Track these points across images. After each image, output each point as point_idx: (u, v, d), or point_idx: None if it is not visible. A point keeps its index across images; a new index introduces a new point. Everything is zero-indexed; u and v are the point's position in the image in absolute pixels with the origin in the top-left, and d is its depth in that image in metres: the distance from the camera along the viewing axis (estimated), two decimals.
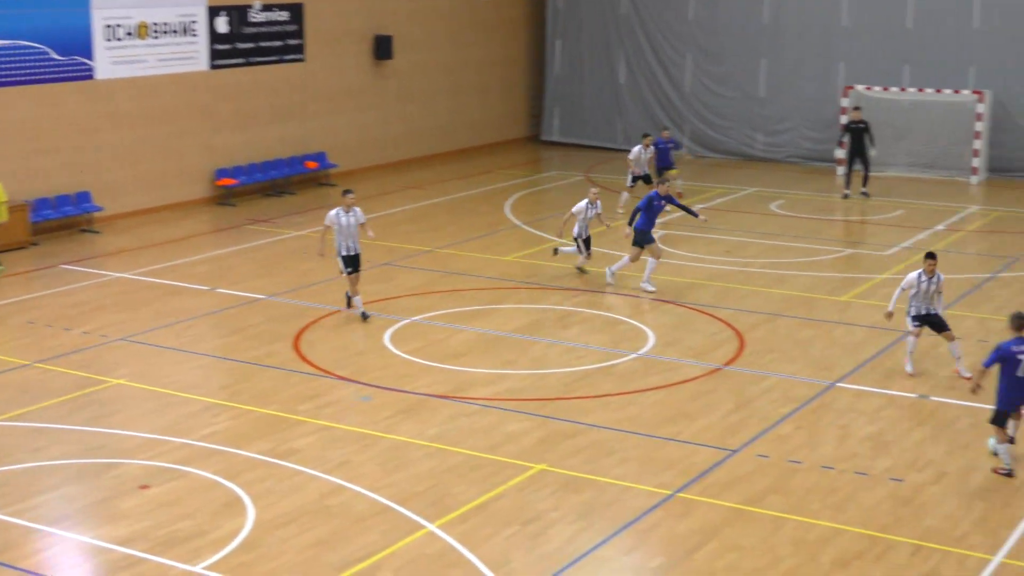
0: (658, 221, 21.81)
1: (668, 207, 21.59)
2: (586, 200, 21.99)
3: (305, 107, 30.80)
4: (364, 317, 19.23)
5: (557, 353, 17.79)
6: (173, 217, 27.06)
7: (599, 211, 22.09)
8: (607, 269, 21.36)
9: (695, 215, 22.15)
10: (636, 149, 27.51)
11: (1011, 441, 13.69)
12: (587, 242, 21.98)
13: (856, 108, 29.85)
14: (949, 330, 16.72)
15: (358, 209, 19.30)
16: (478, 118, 36.35)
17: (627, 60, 36.34)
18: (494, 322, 19.29)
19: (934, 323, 16.75)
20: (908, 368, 16.78)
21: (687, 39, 35.35)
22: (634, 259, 21.11)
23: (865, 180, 29.33)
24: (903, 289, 16.74)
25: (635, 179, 27.45)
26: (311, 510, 12.72)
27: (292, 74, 30.38)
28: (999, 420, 13.59)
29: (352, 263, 19.22)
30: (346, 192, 19.47)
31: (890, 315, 16.94)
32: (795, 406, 15.68)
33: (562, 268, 22.53)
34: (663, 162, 27.93)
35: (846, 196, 29.31)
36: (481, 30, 36.06)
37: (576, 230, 21.89)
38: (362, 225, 19.32)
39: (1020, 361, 13.37)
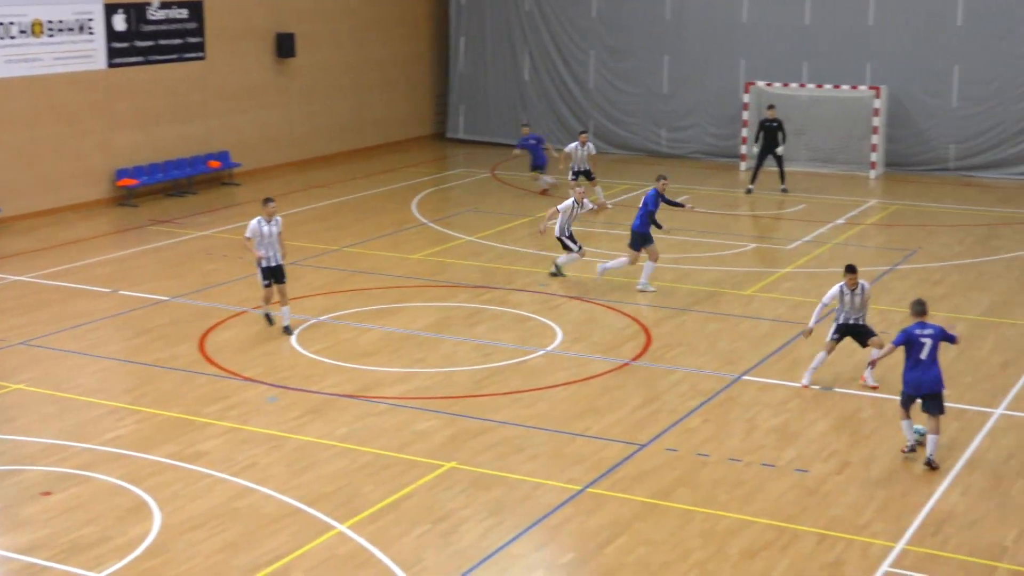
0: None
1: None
2: (572, 199, 21.63)
3: (207, 106, 30.42)
4: (287, 331, 18.40)
5: (466, 351, 17.78)
6: (73, 218, 26.58)
7: (586, 208, 22.05)
8: (599, 265, 21.24)
9: (682, 206, 22.31)
10: (572, 145, 27.58)
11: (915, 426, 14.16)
12: (571, 238, 21.64)
13: (770, 106, 30.29)
14: (876, 335, 16.12)
15: (279, 218, 18.46)
16: (383, 116, 36.19)
17: (531, 57, 36.44)
18: (402, 321, 19.23)
19: (859, 333, 16.17)
20: (805, 380, 16.30)
21: (591, 36, 35.54)
22: (632, 262, 21.09)
23: (781, 177, 29.77)
24: (825, 304, 16.19)
25: (575, 174, 27.52)
26: (219, 513, 12.57)
27: (193, 72, 29.98)
28: (905, 403, 13.96)
29: (274, 274, 18.33)
30: (267, 200, 18.33)
31: (809, 332, 16.46)
32: (702, 399, 15.84)
33: (470, 266, 22.53)
34: (537, 160, 28.52)
35: (749, 191, 29.68)
36: (384, 28, 35.89)
37: (558, 230, 21.50)
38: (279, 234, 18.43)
39: (923, 344, 13.74)
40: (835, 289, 16.10)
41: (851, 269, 16.03)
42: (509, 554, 11.84)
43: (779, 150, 29.60)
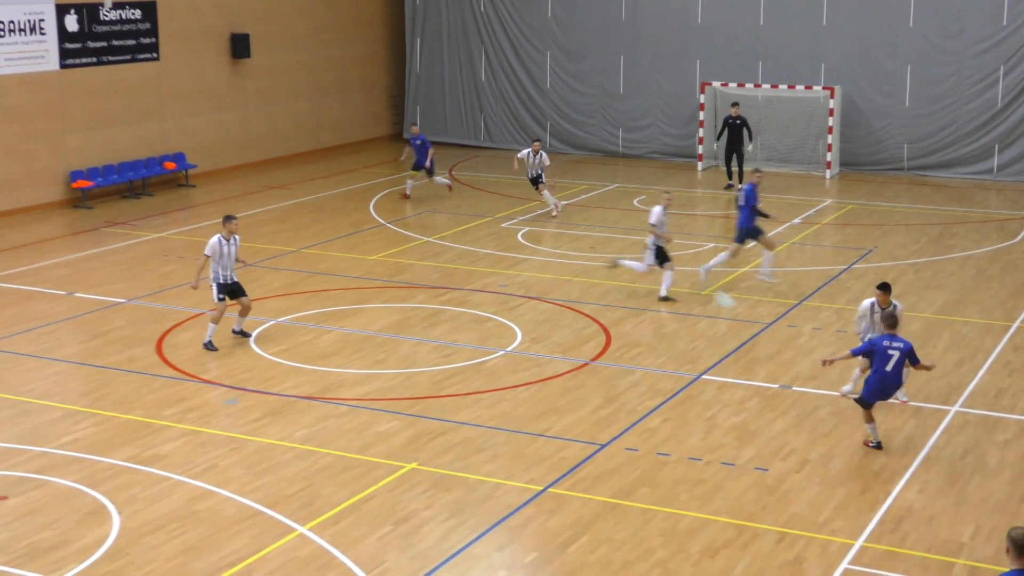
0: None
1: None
2: (661, 206, 20.76)
3: (162, 107, 30.21)
4: (244, 334, 18.29)
5: (426, 351, 17.76)
6: (27, 220, 26.32)
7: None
8: (702, 267, 21.16)
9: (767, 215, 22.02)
10: (525, 152, 27.29)
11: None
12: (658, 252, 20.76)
13: (734, 104, 30.56)
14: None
15: (238, 236, 18.14)
16: (340, 117, 36.09)
17: (487, 57, 36.45)
18: (361, 322, 19.18)
19: None
20: (847, 388, 15.86)
21: (546, 37, 35.60)
22: (734, 254, 21.29)
23: (740, 175, 29.99)
24: (859, 333, 15.56)
25: (532, 181, 27.18)
26: (179, 516, 12.49)
27: (147, 73, 29.77)
28: (866, 405, 14.17)
29: (233, 291, 17.98)
30: (228, 218, 17.97)
31: (828, 363, 14.97)
32: (662, 399, 15.90)
33: (429, 267, 22.50)
34: (419, 159, 28.51)
35: (729, 186, 30.01)
36: (340, 28, 35.79)
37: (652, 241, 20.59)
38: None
39: (891, 357, 13.88)
40: (865, 305, 15.42)
41: (885, 288, 15.09)
42: (471, 555, 11.83)
43: (748, 148, 29.94)
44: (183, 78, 30.69)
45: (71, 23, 27.78)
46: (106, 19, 28.61)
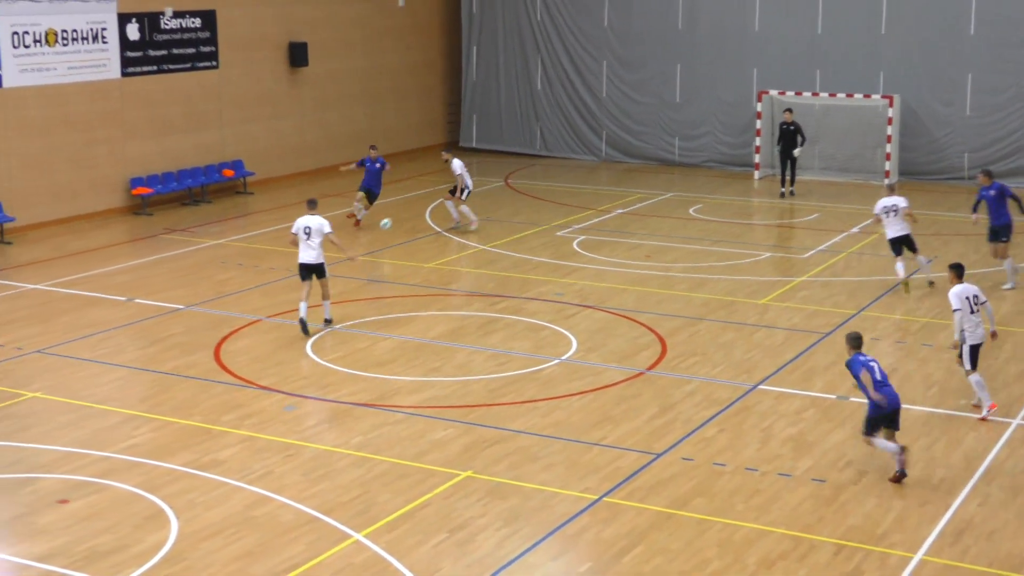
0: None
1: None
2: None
3: (220, 115, 30.48)
4: (327, 323, 19.12)
5: (481, 360, 17.77)
6: (87, 227, 26.65)
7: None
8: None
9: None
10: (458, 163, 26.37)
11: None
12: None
13: (787, 110, 30.45)
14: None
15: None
16: (395, 125, 36.24)
17: (544, 66, 36.47)
18: (417, 329, 19.23)
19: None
20: (984, 410, 15.50)
21: (603, 45, 35.56)
22: (1000, 254, 21.64)
23: (792, 180, 29.93)
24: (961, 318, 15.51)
25: (462, 191, 26.22)
26: (236, 521, 12.58)
27: (206, 81, 30.06)
28: (877, 425, 13.68)
29: (312, 271, 18.88)
30: (311, 202, 19.69)
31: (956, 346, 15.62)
32: (718, 409, 15.81)
33: (484, 275, 22.53)
34: (371, 184, 26.51)
35: (783, 195, 30.04)
36: (397, 36, 35.96)
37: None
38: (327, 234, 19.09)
39: (873, 368, 13.64)
40: (959, 293, 15.48)
41: (957, 268, 15.86)
42: (525, 563, 11.82)
43: (796, 152, 29.83)
44: (241, 86, 30.96)
45: (132, 32, 28.10)
46: (166, 28, 28.93)
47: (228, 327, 19.32)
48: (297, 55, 32.12)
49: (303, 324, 18.73)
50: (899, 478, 13.54)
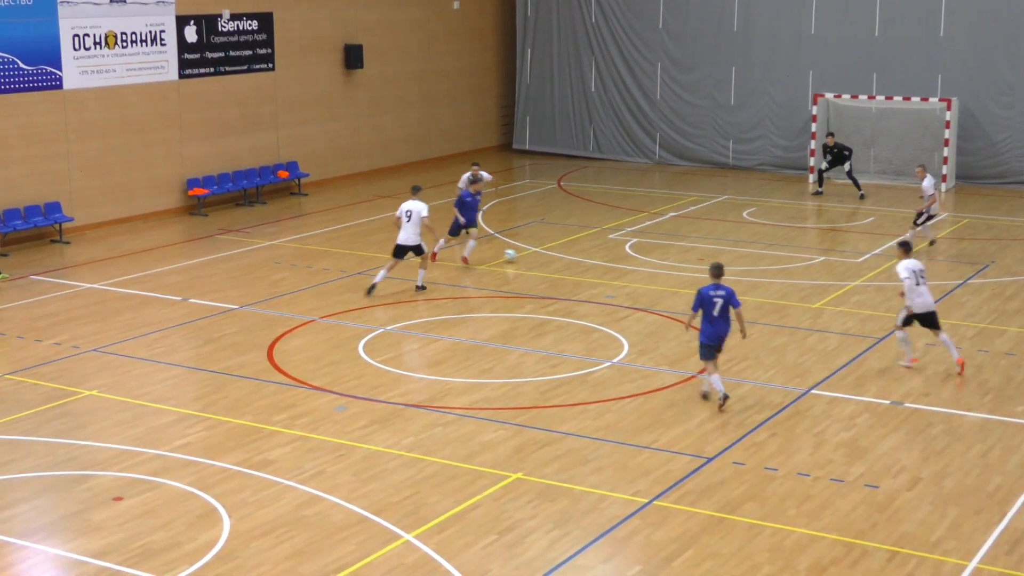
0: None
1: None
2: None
3: (276, 116, 30.71)
4: (420, 288, 21.28)
5: (532, 362, 17.77)
6: (144, 227, 26.93)
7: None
8: None
9: None
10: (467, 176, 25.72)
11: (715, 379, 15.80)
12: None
13: (829, 134, 30.65)
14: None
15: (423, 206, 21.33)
16: (450, 127, 36.35)
17: (597, 68, 36.44)
18: (468, 331, 19.27)
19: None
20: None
21: (657, 47, 35.48)
22: None
23: (855, 184, 30.38)
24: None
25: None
26: (287, 521, 12.66)
27: (262, 83, 30.29)
28: (703, 353, 15.98)
29: (410, 251, 21.08)
30: (415, 188, 21.94)
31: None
32: (770, 413, 15.72)
33: (536, 277, 22.54)
34: (470, 216, 23.55)
35: (862, 196, 30.36)
36: (451, 39, 36.07)
37: None
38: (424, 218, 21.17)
39: (715, 303, 15.76)
40: (908, 266, 17.22)
41: (905, 246, 17.74)
42: (575, 566, 11.81)
43: (846, 166, 29.95)
44: (297, 88, 31.18)
45: (190, 34, 28.39)
46: (224, 30, 29.19)
47: (281, 327, 19.46)
48: (352, 57, 32.30)
49: (372, 288, 20.94)
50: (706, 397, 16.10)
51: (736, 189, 31.82)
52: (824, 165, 30.51)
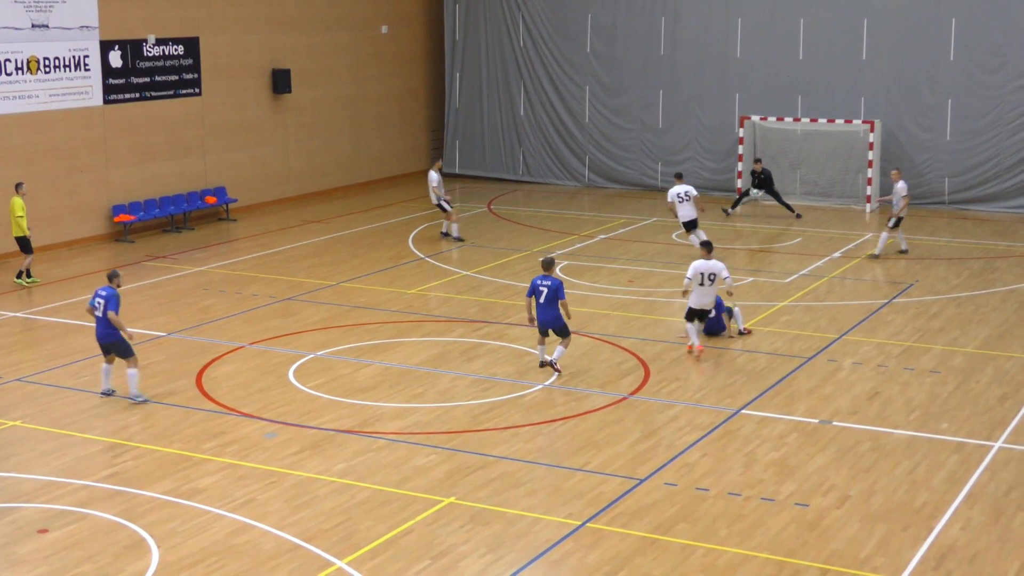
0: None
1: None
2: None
3: (203, 142, 30.48)
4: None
5: (464, 386, 17.74)
6: (69, 254, 26.57)
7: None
8: None
9: None
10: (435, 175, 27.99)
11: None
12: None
13: (757, 160, 31.14)
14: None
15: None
16: (379, 152, 36.29)
17: (526, 92, 36.58)
18: (400, 356, 19.20)
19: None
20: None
21: (585, 71, 35.70)
22: None
23: (787, 206, 30.81)
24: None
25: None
26: (218, 550, 12.50)
27: (189, 108, 30.06)
28: (541, 331, 18.18)
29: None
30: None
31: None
32: (701, 434, 15.80)
33: (467, 300, 22.53)
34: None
35: (726, 212, 31.25)
36: (380, 64, 36.04)
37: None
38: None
39: (542, 292, 17.90)
40: (698, 267, 19.12)
41: (707, 246, 19.57)
42: None
43: (759, 193, 30.85)
44: (224, 113, 30.98)
45: (115, 59, 28.11)
46: (149, 55, 28.94)
47: (210, 354, 19.26)
48: (280, 82, 32.16)
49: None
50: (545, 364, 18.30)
51: (665, 211, 31.96)
52: (756, 192, 30.85)
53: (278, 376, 18.18)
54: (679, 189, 26.16)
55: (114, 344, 17.04)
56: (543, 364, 18.30)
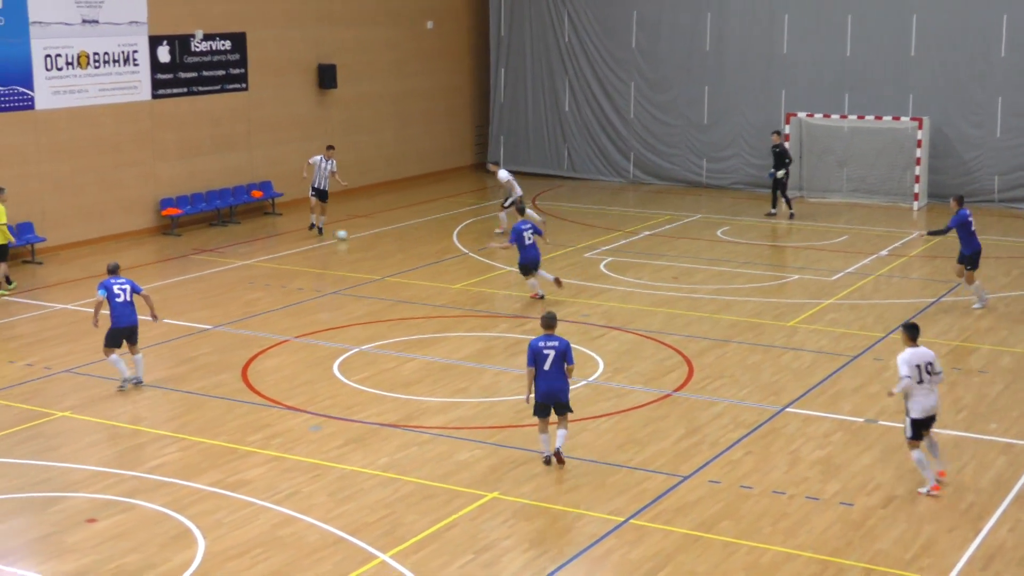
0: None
1: None
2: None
3: (249, 136, 30.66)
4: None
5: (507, 381, 17.76)
6: (117, 248, 26.80)
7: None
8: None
9: None
10: (317, 158, 28.04)
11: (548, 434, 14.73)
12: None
13: (775, 132, 30.71)
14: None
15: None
16: (424, 147, 36.36)
17: (571, 88, 36.54)
18: (444, 350, 19.24)
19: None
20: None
21: (630, 67, 35.60)
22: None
23: (787, 202, 30.48)
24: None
25: (314, 191, 28.00)
26: (263, 541, 12.59)
27: (235, 103, 30.24)
28: (537, 412, 14.48)
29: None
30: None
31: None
32: (745, 431, 15.75)
33: (511, 296, 22.55)
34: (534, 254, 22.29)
35: (770, 215, 30.62)
36: (425, 59, 36.10)
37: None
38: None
39: (547, 355, 14.31)
40: (909, 359, 13.79)
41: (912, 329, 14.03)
42: None
43: (779, 173, 29.87)
44: (270, 108, 31.14)
45: (163, 54, 28.33)
46: (197, 50, 29.14)
47: (256, 347, 19.38)
48: (326, 77, 32.29)
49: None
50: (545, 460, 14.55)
51: (710, 208, 31.94)
52: (781, 173, 30.25)
53: (323, 370, 18.27)
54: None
55: (134, 328, 17.43)
56: (548, 460, 14.54)
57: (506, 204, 27.92)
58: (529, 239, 21.54)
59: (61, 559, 12.23)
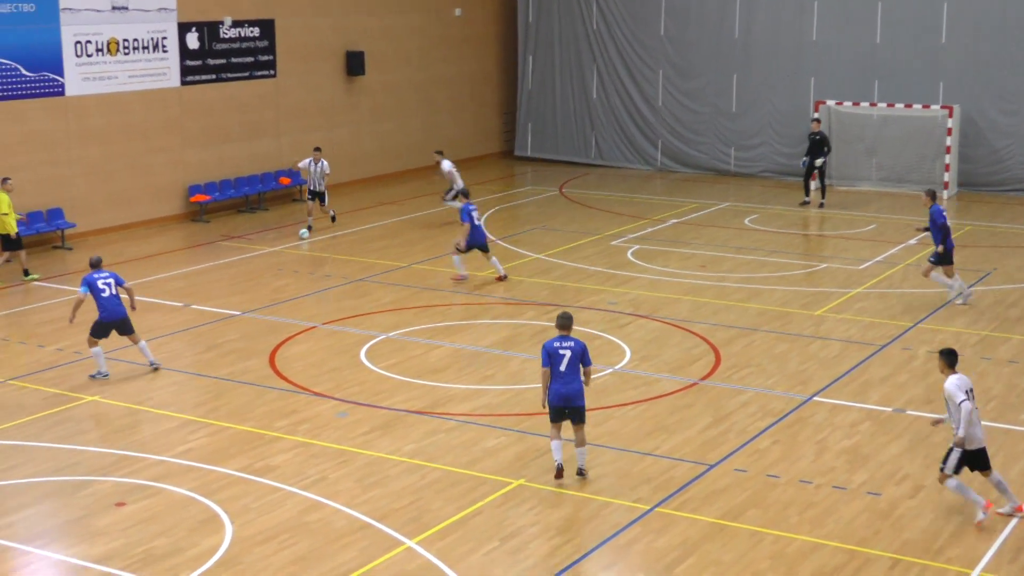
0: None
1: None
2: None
3: (277, 123, 30.73)
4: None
5: (534, 368, 17.76)
6: (146, 233, 26.94)
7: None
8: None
9: None
10: (306, 162, 26.99)
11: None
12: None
13: (815, 119, 30.60)
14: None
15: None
16: (451, 134, 36.35)
17: (599, 75, 36.46)
18: (470, 337, 19.27)
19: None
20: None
21: (659, 54, 35.50)
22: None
23: (821, 191, 30.32)
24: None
25: (312, 194, 26.96)
26: (290, 527, 12.65)
27: (264, 90, 30.31)
28: (552, 416, 13.77)
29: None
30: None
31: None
32: (772, 420, 15.71)
33: (538, 283, 22.55)
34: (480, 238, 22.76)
35: (804, 203, 30.34)
36: (453, 46, 36.09)
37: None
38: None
39: (563, 356, 13.62)
40: (960, 385, 12.74)
41: (950, 355, 13.02)
42: (577, 573, 11.81)
43: (818, 162, 29.71)
44: (298, 95, 31.20)
45: (192, 41, 28.41)
46: (225, 37, 29.21)
47: (283, 333, 19.45)
48: (354, 64, 32.33)
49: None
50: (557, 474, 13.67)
51: (738, 196, 31.83)
52: (819, 161, 30.07)
53: (350, 356, 18.32)
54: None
55: (125, 320, 17.54)
56: (560, 474, 13.67)
57: (447, 197, 27.66)
58: (479, 219, 22.40)
59: (90, 542, 12.32)
